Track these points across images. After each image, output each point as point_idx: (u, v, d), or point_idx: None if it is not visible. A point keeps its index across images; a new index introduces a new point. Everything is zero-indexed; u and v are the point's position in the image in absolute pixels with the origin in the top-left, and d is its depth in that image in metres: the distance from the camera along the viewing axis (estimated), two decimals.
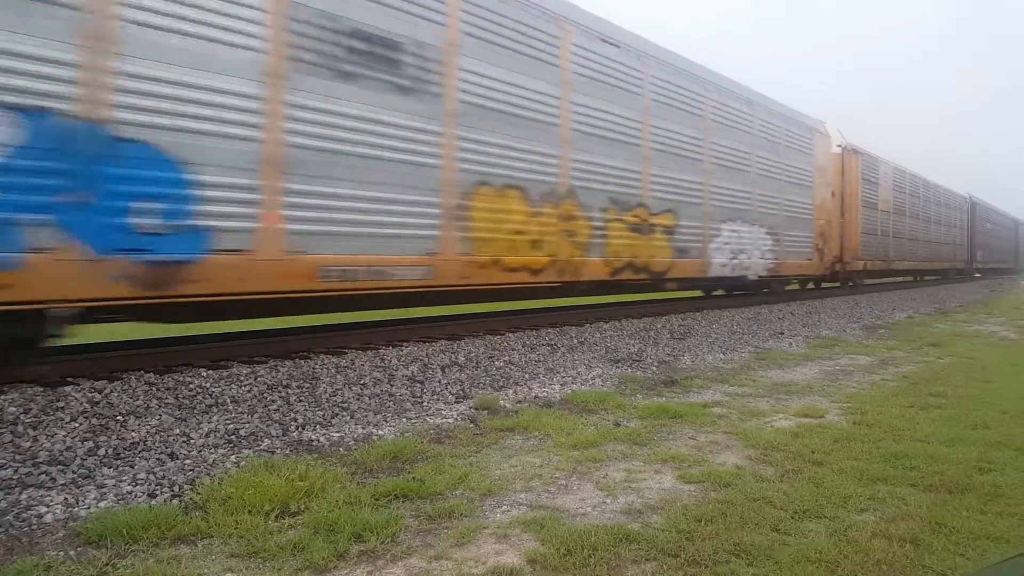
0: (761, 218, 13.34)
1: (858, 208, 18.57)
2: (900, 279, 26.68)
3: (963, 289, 25.84)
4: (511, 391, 5.81)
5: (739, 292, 14.80)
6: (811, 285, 18.97)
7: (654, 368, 7.16)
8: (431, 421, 4.80)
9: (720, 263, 11.88)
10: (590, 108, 9.09)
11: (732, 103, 12.54)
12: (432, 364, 6.36)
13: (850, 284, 19.97)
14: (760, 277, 13.39)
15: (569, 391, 5.84)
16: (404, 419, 4.84)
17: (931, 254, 27.27)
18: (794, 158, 14.87)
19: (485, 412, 5.04)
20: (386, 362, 6.26)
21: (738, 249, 12.49)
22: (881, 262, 20.60)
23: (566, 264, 8.52)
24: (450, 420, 4.84)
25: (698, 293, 15.20)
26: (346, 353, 6.56)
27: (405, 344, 7.20)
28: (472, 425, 4.71)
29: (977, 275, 37.22)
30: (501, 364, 6.71)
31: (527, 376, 6.42)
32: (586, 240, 8.88)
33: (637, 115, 9.95)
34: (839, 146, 18.16)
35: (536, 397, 5.62)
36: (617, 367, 7.07)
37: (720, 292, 16.06)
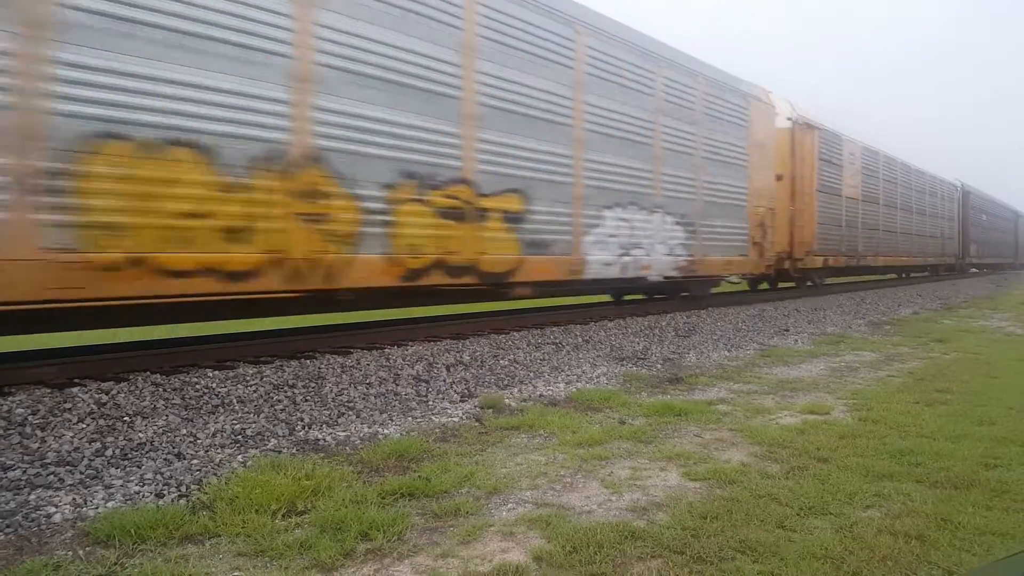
0: (668, 204, 10.33)
1: (814, 194, 15.63)
2: (879, 277, 23.64)
3: (962, 286, 24.74)
4: (516, 390, 5.82)
5: (636, 297, 12.16)
6: (765, 285, 16.39)
7: (659, 366, 7.16)
8: (437, 420, 4.81)
9: (602, 261, 9.03)
10: (354, 33, 6.08)
11: (621, 54, 9.44)
12: (437, 363, 6.38)
13: (809, 284, 17.06)
14: (668, 278, 10.57)
15: (574, 389, 5.85)
16: (410, 418, 4.86)
17: (914, 248, 24.12)
18: (721, 130, 11.77)
19: (490, 411, 5.05)
20: (392, 361, 6.28)
21: (631, 243, 9.59)
22: (848, 258, 17.79)
23: (307, 264, 5.77)
24: (455, 419, 4.85)
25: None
26: (352, 353, 6.57)
27: (410, 343, 7.21)
28: (477, 424, 4.72)
29: (973, 270, 34.38)
30: (506, 363, 6.72)
31: (532, 375, 6.42)
32: (351, 229, 6.10)
33: (453, 54, 6.98)
34: (789, 119, 15.04)
35: (541, 395, 5.63)
36: (622, 365, 7.07)
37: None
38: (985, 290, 22.99)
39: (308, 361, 6.11)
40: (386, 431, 4.50)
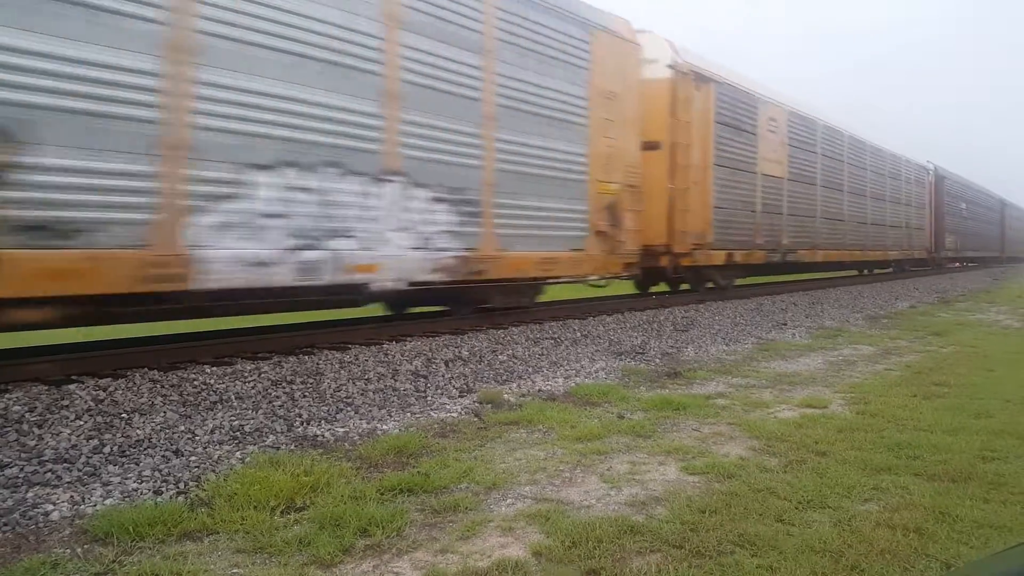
0: (419, 170, 6.71)
1: (709, 169, 11.66)
2: (823, 275, 18.91)
3: (959, 280, 23.72)
4: (515, 385, 5.82)
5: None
6: (662, 287, 12.40)
7: (657, 360, 7.16)
8: (435, 415, 4.81)
9: (243, 258, 5.36)
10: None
11: None
12: (436, 359, 6.37)
13: (709, 286, 12.48)
14: (421, 284, 6.90)
15: (573, 384, 5.85)
16: (408, 414, 4.85)
17: (870, 240, 19.76)
18: (536, 69, 8.05)
19: (489, 406, 5.05)
20: (390, 357, 6.27)
21: (323, 228, 5.95)
22: (766, 252, 13.64)
23: None
24: (454, 414, 4.85)
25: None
26: (350, 349, 6.56)
27: (409, 339, 7.20)
28: (476, 419, 4.72)
29: (954, 265, 29.85)
30: (504, 358, 6.72)
31: (531, 370, 6.43)
32: None
33: None
34: (670, 67, 10.86)
35: (540, 390, 5.63)
36: (620, 360, 7.07)
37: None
38: (982, 284, 23.01)
39: (306, 357, 6.10)
40: (385, 427, 4.49)
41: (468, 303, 8.34)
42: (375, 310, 8.67)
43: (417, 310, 8.71)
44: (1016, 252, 47.26)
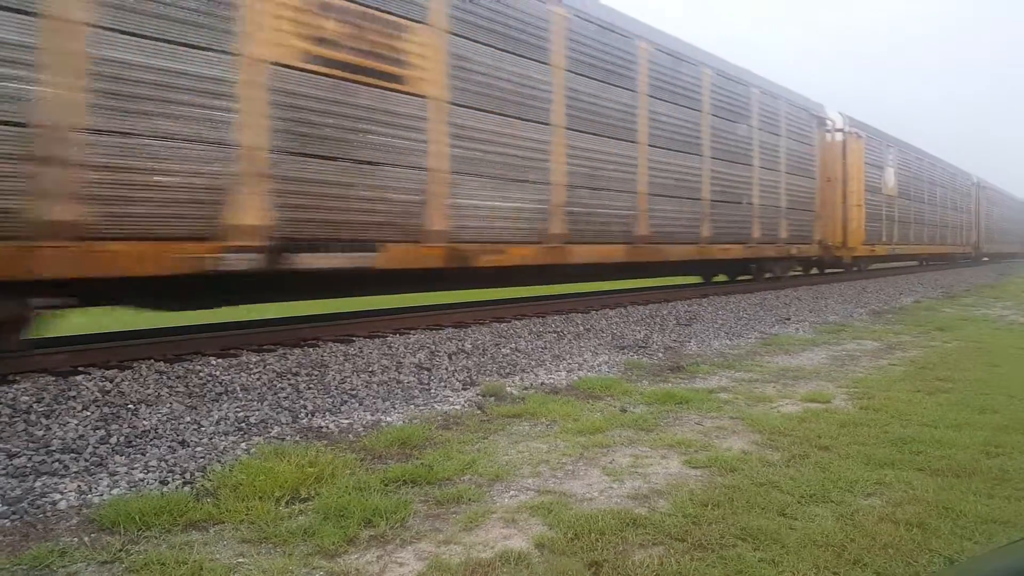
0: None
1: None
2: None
3: (965, 274, 24.52)
4: (518, 378, 5.83)
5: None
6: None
7: (660, 354, 7.17)
8: (439, 408, 4.83)
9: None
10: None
11: None
12: (439, 351, 6.39)
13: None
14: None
15: (575, 377, 5.86)
16: (412, 406, 4.87)
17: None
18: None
19: (492, 399, 5.06)
20: (394, 350, 6.29)
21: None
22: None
23: None
24: (457, 407, 4.86)
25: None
26: (354, 341, 6.59)
27: (412, 332, 7.23)
28: (479, 411, 4.73)
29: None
30: (507, 351, 6.73)
31: (533, 363, 6.44)
32: None
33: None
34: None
35: (542, 384, 5.64)
36: (623, 353, 7.08)
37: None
38: (987, 279, 22.93)
39: (311, 349, 6.13)
40: (389, 419, 4.51)
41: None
42: (380, 301, 8.69)
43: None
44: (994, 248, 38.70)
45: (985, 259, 36.29)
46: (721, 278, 14.89)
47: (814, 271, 18.80)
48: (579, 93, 9.14)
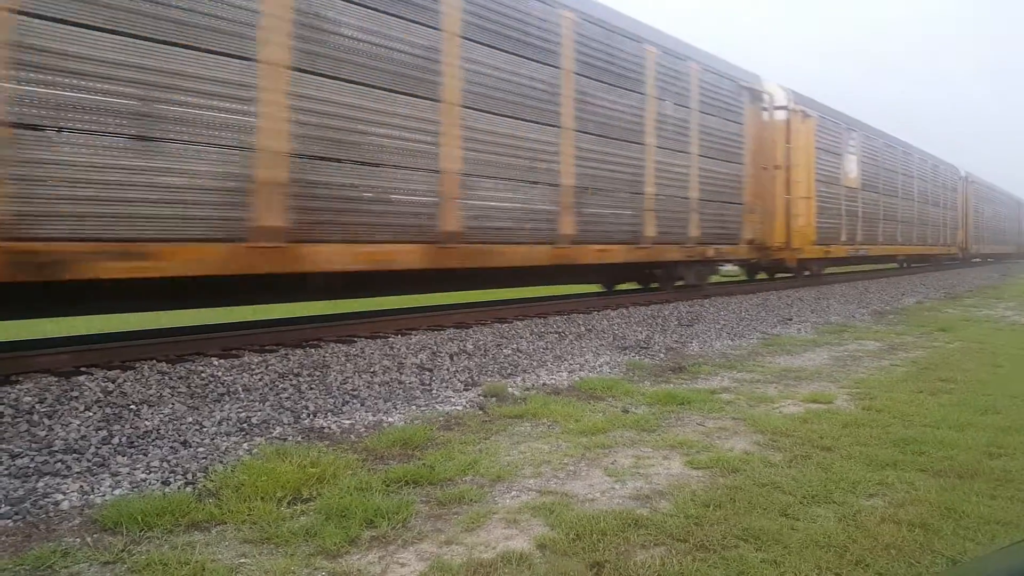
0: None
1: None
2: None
3: (968, 275, 23.76)
4: (519, 378, 5.83)
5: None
6: None
7: (662, 355, 7.16)
8: (440, 408, 4.83)
9: None
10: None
11: None
12: (441, 352, 6.39)
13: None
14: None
15: (577, 378, 5.86)
16: (414, 406, 4.87)
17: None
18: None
19: (494, 399, 5.06)
20: (395, 350, 6.29)
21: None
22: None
23: None
24: (459, 407, 4.86)
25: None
26: (356, 341, 6.59)
27: (414, 332, 7.23)
28: (481, 412, 4.73)
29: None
30: (509, 352, 6.73)
31: (535, 364, 6.44)
32: None
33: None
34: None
35: (544, 384, 5.64)
36: (625, 354, 7.08)
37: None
38: (989, 280, 22.90)
39: (313, 350, 6.13)
40: (390, 419, 4.51)
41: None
42: (381, 303, 8.69)
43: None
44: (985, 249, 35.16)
45: (976, 260, 33.45)
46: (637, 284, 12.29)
47: (775, 276, 16.40)
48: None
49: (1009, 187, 44.86)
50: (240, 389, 4.90)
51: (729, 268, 15.68)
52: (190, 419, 4.22)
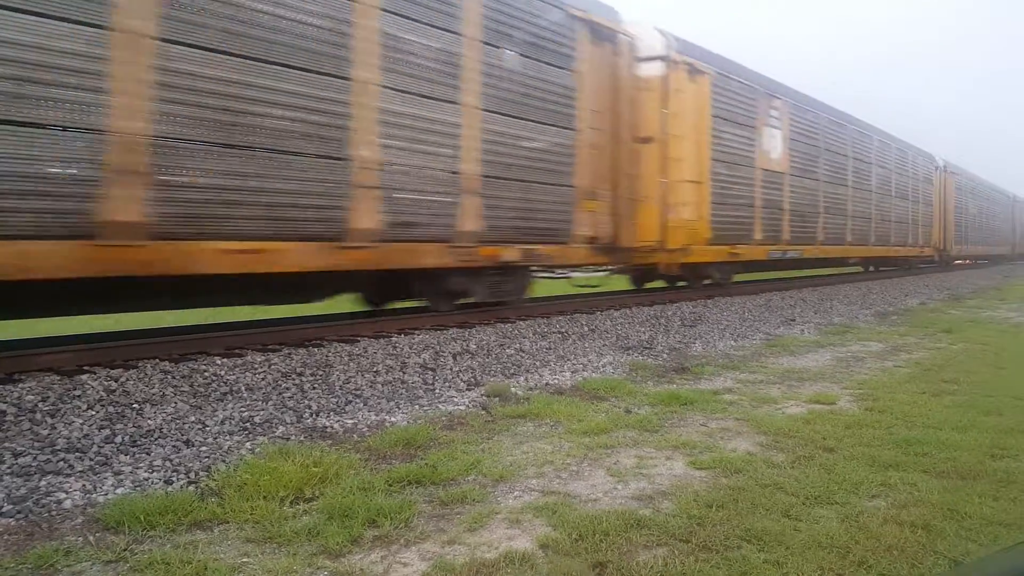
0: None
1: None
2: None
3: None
4: (522, 378, 5.83)
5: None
6: None
7: (665, 355, 7.16)
8: (443, 408, 4.83)
9: None
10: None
11: None
12: (444, 352, 6.39)
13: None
14: None
15: (580, 378, 5.85)
16: (416, 406, 4.87)
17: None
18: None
19: (496, 399, 5.06)
20: (398, 350, 6.29)
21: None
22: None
23: None
24: (462, 407, 4.86)
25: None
26: (359, 341, 6.59)
27: (417, 332, 7.23)
28: (484, 412, 4.73)
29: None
30: (512, 352, 6.73)
31: (538, 364, 6.43)
32: None
33: None
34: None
35: (547, 384, 5.64)
36: (628, 354, 7.07)
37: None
38: (993, 281, 22.85)
39: (316, 349, 6.14)
40: (393, 419, 4.51)
41: None
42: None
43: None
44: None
45: (960, 263, 29.26)
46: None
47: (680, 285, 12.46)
48: None
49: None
50: (243, 388, 4.91)
51: (584, 275, 11.26)
52: (193, 418, 4.22)
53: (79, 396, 4.39)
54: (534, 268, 9.08)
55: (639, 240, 10.23)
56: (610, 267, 10.80)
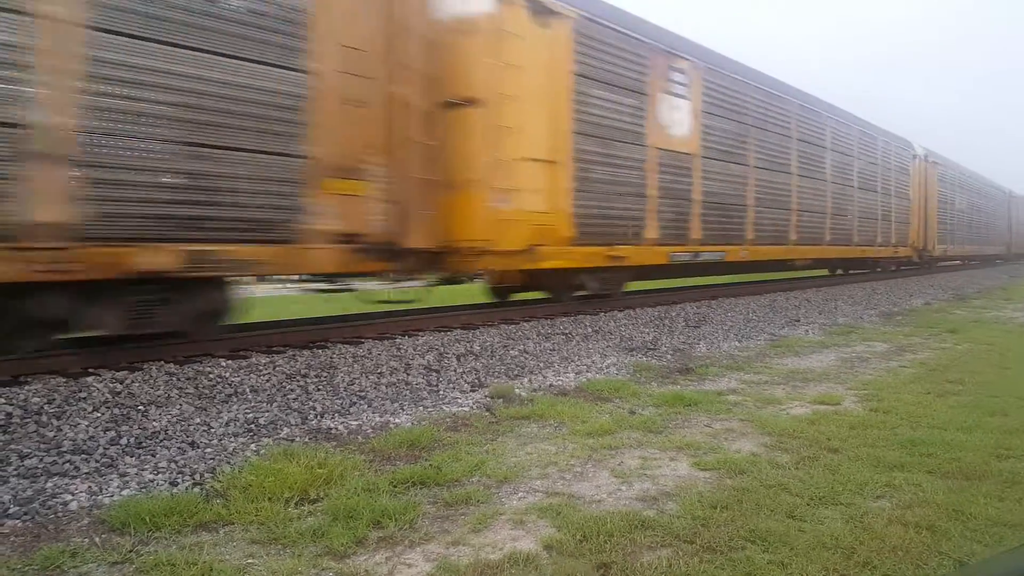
0: None
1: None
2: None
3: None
4: (526, 380, 5.84)
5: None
6: None
7: (669, 356, 7.15)
8: (447, 409, 4.83)
9: None
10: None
11: None
12: (448, 353, 6.40)
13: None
14: None
15: (584, 379, 5.85)
16: (421, 407, 4.88)
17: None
18: None
19: (500, 400, 5.06)
20: (402, 351, 6.30)
21: None
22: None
23: None
24: (466, 408, 4.87)
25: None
26: (363, 343, 6.60)
27: (421, 333, 7.23)
28: (488, 413, 4.74)
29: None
30: (516, 353, 6.73)
31: (542, 365, 6.44)
32: None
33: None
34: None
35: (551, 385, 5.64)
36: (632, 355, 7.07)
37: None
38: (998, 281, 22.78)
39: (320, 351, 6.15)
40: (397, 420, 4.52)
41: None
42: (388, 304, 8.69)
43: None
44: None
45: (945, 264, 25.84)
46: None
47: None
48: None
49: None
50: (248, 390, 4.92)
51: (385, 287, 7.39)
52: (198, 420, 4.24)
53: (85, 398, 4.41)
54: (234, 280, 5.98)
55: (450, 239, 7.29)
56: (405, 276, 7.19)
